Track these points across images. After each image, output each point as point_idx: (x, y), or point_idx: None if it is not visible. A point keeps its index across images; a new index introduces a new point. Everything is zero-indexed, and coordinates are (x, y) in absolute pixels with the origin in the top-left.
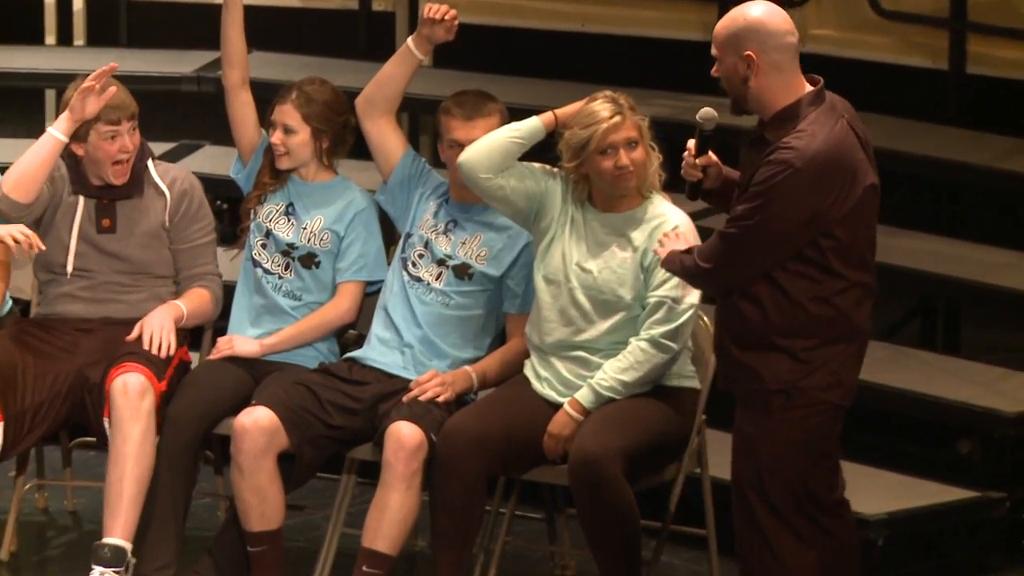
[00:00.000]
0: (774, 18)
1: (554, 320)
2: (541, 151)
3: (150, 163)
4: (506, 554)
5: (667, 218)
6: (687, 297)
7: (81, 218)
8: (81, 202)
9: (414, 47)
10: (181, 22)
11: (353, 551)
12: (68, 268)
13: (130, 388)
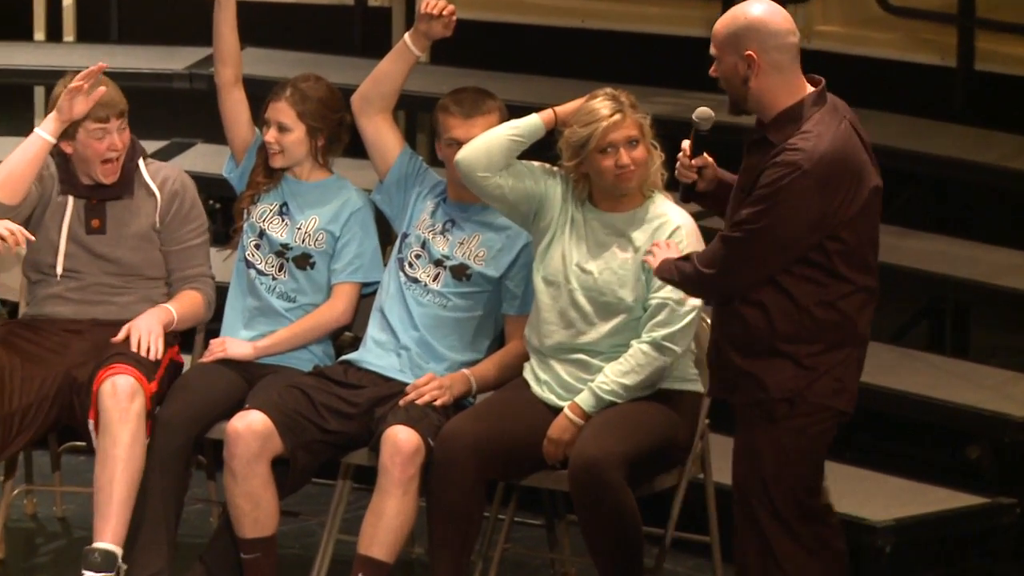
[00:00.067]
0: (775, 17)
1: (554, 322)
2: (541, 149)
3: (141, 163)
4: (505, 561)
5: (669, 218)
6: (689, 299)
7: (70, 218)
8: (70, 202)
9: (411, 43)
10: (172, 18)
11: (349, 558)
12: (58, 269)
13: (119, 390)
